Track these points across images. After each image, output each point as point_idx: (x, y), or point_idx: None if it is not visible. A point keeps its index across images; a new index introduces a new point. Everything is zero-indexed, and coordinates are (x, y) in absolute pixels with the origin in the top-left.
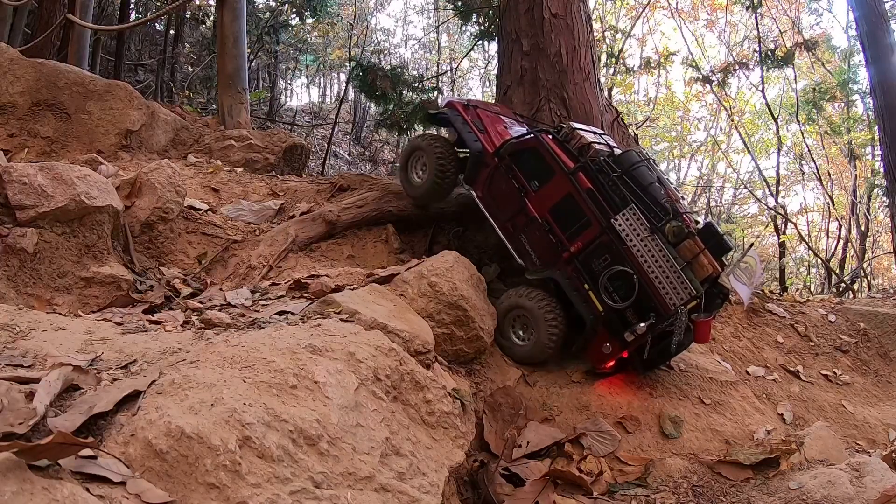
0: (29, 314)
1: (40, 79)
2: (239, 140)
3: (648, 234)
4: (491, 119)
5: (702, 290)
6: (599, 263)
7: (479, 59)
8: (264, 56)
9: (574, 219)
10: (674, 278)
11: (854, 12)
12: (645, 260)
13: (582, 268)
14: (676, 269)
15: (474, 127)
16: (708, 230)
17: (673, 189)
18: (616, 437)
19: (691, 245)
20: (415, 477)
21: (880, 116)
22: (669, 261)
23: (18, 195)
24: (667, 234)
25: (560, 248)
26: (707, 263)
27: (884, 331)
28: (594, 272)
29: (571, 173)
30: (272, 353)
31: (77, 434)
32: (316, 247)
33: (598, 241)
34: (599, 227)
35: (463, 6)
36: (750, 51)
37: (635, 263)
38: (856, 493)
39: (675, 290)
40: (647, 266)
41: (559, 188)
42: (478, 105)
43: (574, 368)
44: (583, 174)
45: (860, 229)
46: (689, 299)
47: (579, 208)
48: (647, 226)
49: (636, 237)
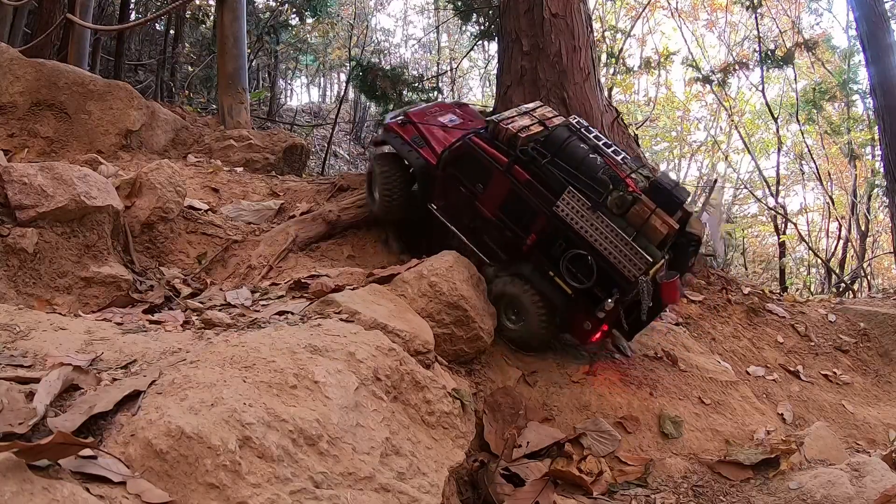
0: (29, 314)
1: (40, 79)
2: (239, 140)
3: (591, 213)
4: (430, 129)
5: (660, 255)
6: (557, 249)
7: (479, 59)
8: (264, 56)
9: (523, 212)
10: (627, 251)
11: (854, 12)
12: (595, 238)
13: (543, 256)
14: (627, 240)
15: (413, 144)
16: (655, 189)
17: (612, 153)
18: (616, 437)
19: (640, 210)
20: (415, 477)
21: (880, 116)
22: (618, 234)
23: (18, 195)
24: (610, 207)
25: (518, 241)
26: (660, 224)
27: (884, 331)
28: (555, 258)
29: (506, 170)
30: (272, 353)
31: (77, 434)
32: (316, 247)
33: (549, 229)
34: (546, 217)
35: (463, 6)
36: (750, 51)
37: (586, 245)
38: (856, 493)
39: (630, 261)
40: (598, 244)
41: (501, 186)
42: (416, 117)
43: (574, 368)
44: (518, 167)
45: (860, 229)
46: (646, 268)
47: (524, 201)
48: (587, 204)
49: (580, 218)
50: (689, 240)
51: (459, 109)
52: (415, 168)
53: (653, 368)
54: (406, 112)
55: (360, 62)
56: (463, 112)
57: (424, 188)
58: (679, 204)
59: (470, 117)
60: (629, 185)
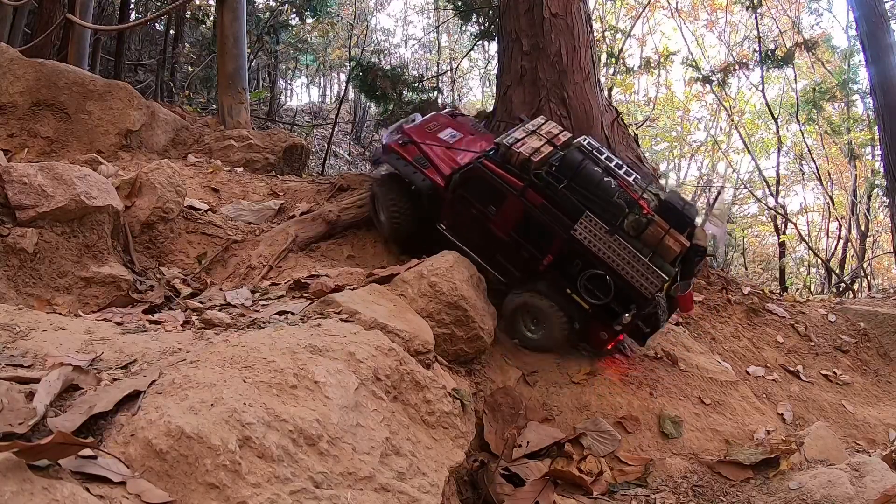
0: (29, 314)
1: (40, 79)
2: (239, 140)
3: (609, 236)
4: (433, 149)
5: (673, 271)
6: (574, 269)
7: (479, 59)
8: (264, 56)
9: (538, 234)
10: (643, 270)
11: (854, 12)
12: (612, 260)
13: (560, 275)
14: (643, 261)
15: (417, 165)
16: (666, 209)
17: (623, 174)
18: (616, 437)
19: (654, 231)
20: (415, 477)
21: (880, 116)
22: (635, 255)
23: (18, 195)
24: (626, 229)
25: (534, 261)
26: (673, 243)
27: (884, 331)
28: (572, 276)
29: (521, 194)
30: (272, 353)
31: (77, 434)
32: (316, 247)
33: (566, 251)
34: (562, 239)
35: (463, 6)
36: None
37: (604, 265)
38: (856, 493)
39: (647, 280)
40: (615, 265)
41: (514, 208)
42: (417, 136)
43: (574, 369)
44: (532, 190)
45: (860, 229)
46: (661, 284)
47: (539, 224)
48: (604, 228)
49: (598, 241)
50: (696, 251)
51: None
52: (421, 190)
53: (653, 368)
54: (403, 129)
55: (360, 62)
56: (459, 124)
57: (434, 210)
58: (690, 223)
59: (468, 130)
60: (643, 206)
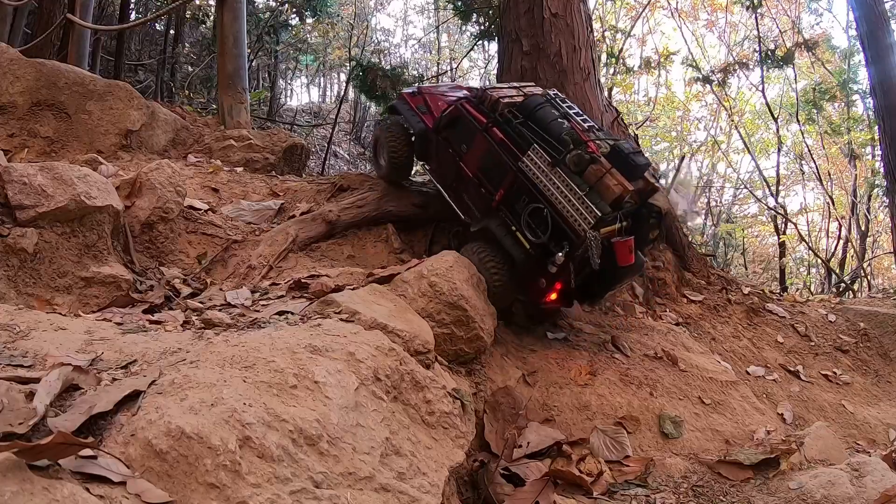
0: (29, 314)
1: (40, 79)
2: (239, 140)
3: (551, 168)
4: (435, 99)
5: (609, 210)
6: (521, 205)
7: (479, 59)
8: (264, 56)
9: (496, 170)
10: (578, 204)
11: (854, 12)
12: (551, 192)
13: (508, 212)
14: (579, 194)
15: (418, 111)
16: (614, 152)
17: (581, 121)
18: (626, 448)
19: (595, 169)
20: (415, 477)
21: (880, 116)
22: (573, 189)
23: (18, 195)
24: (568, 164)
25: (490, 198)
26: (614, 184)
27: (884, 331)
28: (518, 213)
29: (484, 129)
30: (272, 353)
31: (77, 434)
32: (316, 247)
33: (515, 185)
34: (513, 172)
35: (463, 6)
36: (750, 51)
37: (543, 197)
38: (856, 493)
39: (580, 215)
40: (553, 198)
41: (481, 145)
42: (426, 90)
43: (574, 369)
44: (496, 128)
45: (860, 229)
46: (595, 221)
47: (498, 159)
48: (548, 160)
49: (541, 173)
50: (650, 211)
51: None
52: (415, 131)
53: (653, 368)
54: (420, 86)
55: (360, 62)
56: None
57: (421, 150)
58: (636, 168)
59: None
60: (591, 147)
